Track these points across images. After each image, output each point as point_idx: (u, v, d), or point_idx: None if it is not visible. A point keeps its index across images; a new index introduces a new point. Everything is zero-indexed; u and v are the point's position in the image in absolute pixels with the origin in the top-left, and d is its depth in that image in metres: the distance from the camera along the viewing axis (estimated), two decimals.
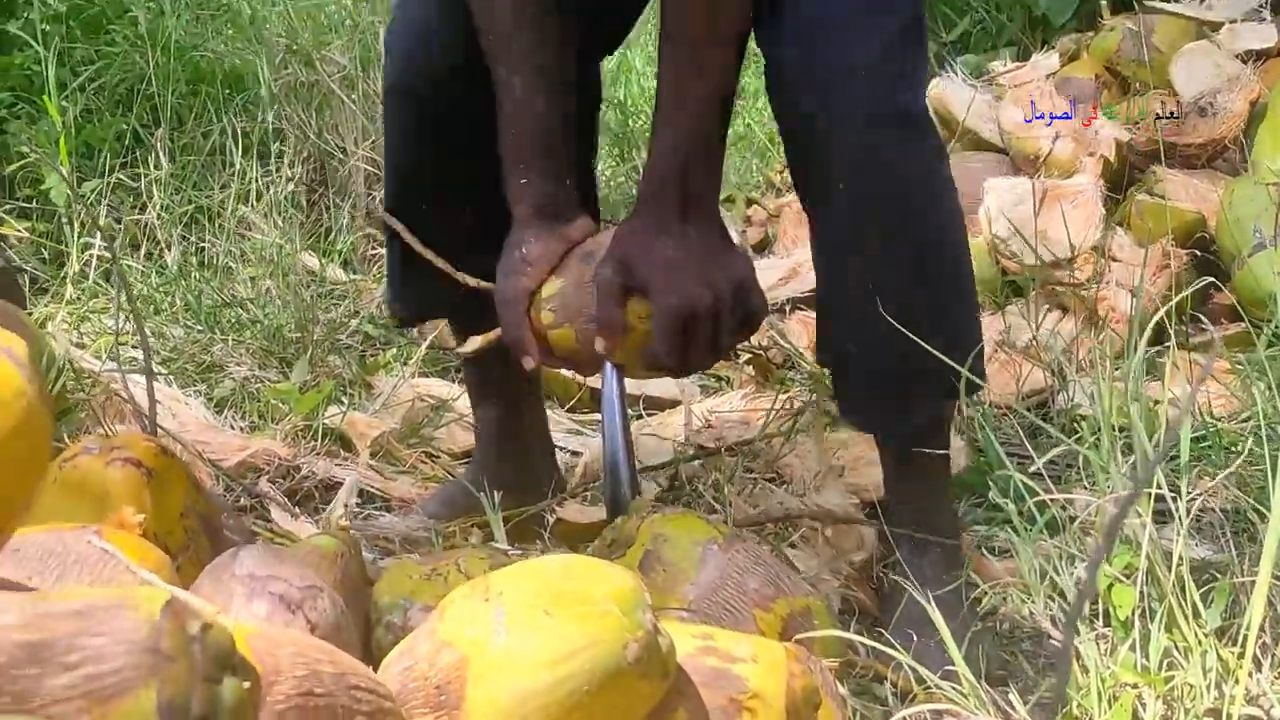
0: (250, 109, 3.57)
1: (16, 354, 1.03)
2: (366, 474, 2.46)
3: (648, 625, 1.38)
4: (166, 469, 1.76)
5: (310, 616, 1.49)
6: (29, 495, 1.06)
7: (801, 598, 1.82)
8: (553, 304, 1.97)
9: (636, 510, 1.91)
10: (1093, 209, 3.14)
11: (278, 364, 2.83)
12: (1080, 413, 2.56)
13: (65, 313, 2.96)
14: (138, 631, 0.91)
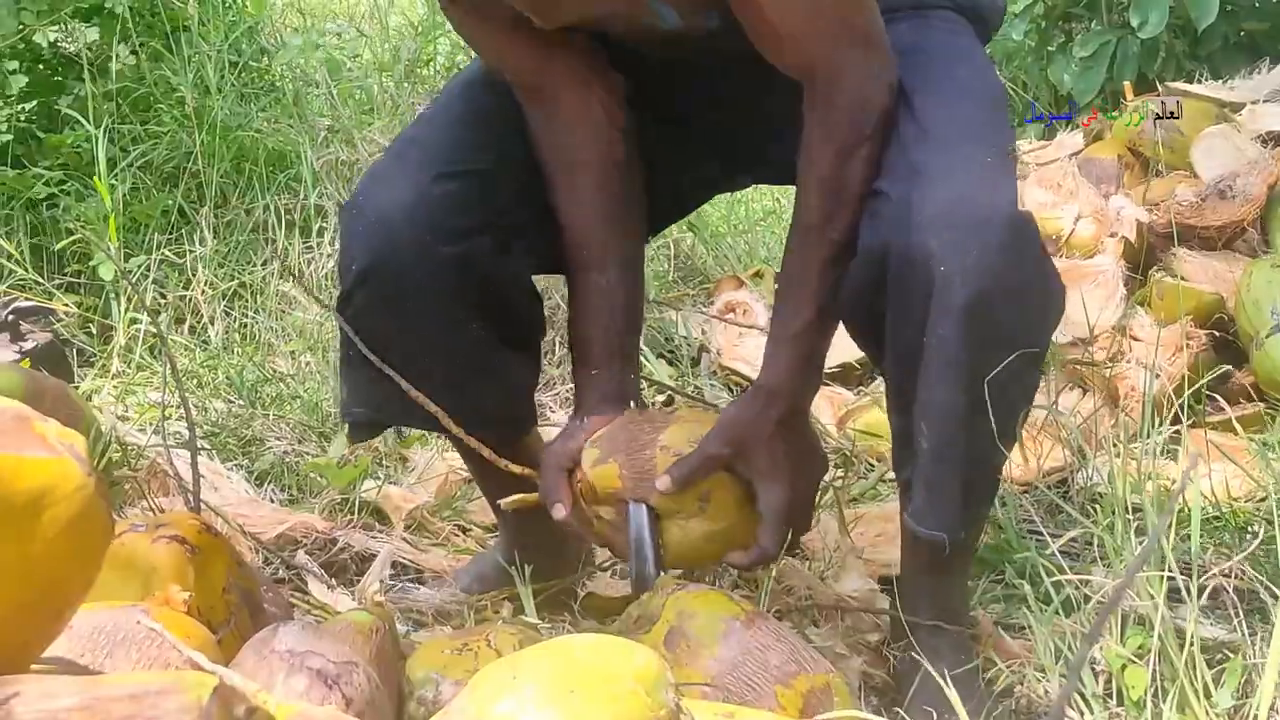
0: (293, 186, 3.65)
1: (78, 450, 1.11)
2: (401, 546, 2.52)
3: (671, 704, 1.42)
4: (210, 546, 1.83)
5: (346, 691, 1.56)
6: (88, 584, 1.14)
7: (822, 674, 1.85)
8: (599, 442, 2.06)
9: (662, 587, 1.96)
10: (1113, 289, 3.20)
11: (316, 438, 2.89)
12: (1098, 491, 2.60)
13: (111, 386, 3.04)
14: (187, 714, 0.98)
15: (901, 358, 1.92)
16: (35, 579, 1.07)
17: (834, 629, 2.25)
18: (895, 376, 1.97)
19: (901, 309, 1.88)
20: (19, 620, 1.07)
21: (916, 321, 1.86)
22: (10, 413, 1.10)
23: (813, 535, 2.52)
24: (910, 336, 1.88)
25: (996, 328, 1.84)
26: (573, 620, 2.36)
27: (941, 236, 1.82)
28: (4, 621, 1.06)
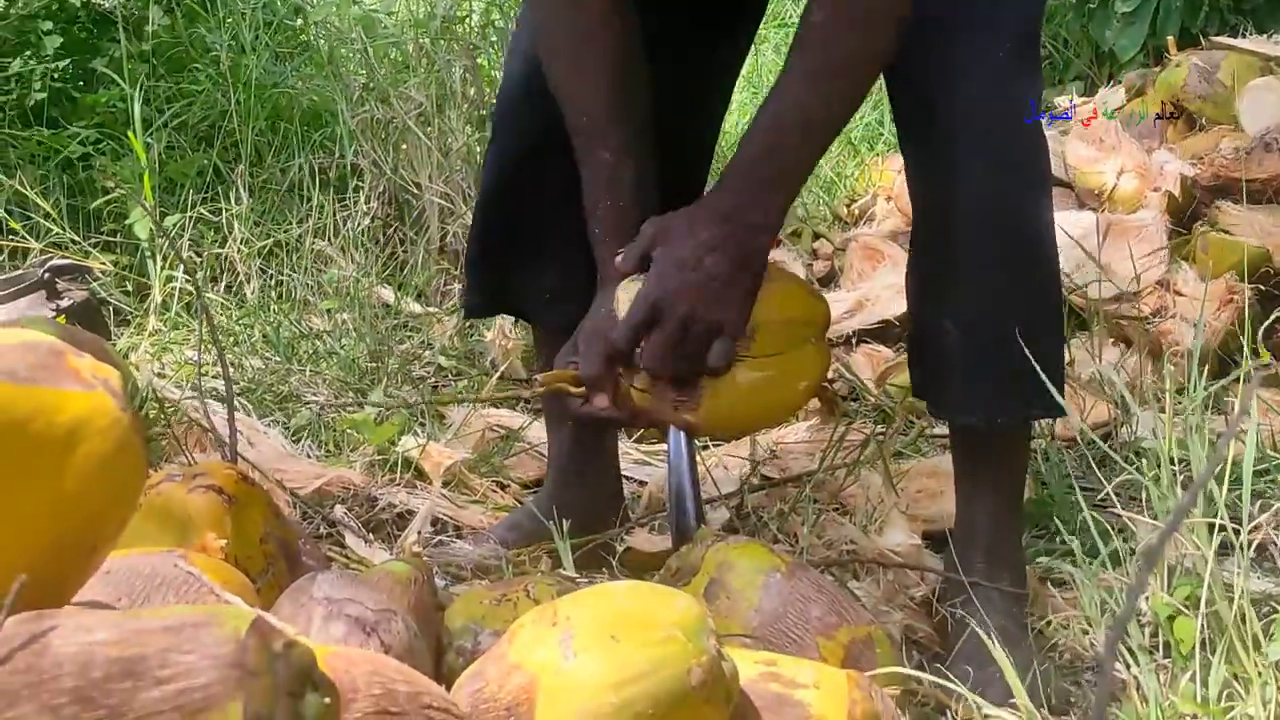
0: (328, 145, 3.63)
1: (112, 385, 1.09)
2: (439, 502, 2.51)
3: (711, 650, 1.41)
4: (247, 496, 1.82)
5: (384, 639, 1.54)
6: (124, 518, 1.12)
7: (864, 626, 1.83)
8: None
9: (701, 539, 1.94)
10: (1157, 243, 3.16)
11: (353, 394, 2.88)
12: (1143, 445, 2.57)
13: (148, 344, 3.03)
14: (225, 647, 0.96)
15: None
16: (69, 515, 1.06)
17: (876, 583, 2.23)
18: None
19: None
20: (53, 557, 1.06)
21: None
22: (45, 346, 1.09)
23: (854, 490, 2.51)
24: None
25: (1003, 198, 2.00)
26: (611, 576, 2.34)
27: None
28: (38, 558, 1.04)
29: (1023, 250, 2.06)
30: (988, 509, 2.14)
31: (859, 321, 3.26)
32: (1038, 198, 2.07)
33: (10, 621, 0.97)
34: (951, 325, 2.05)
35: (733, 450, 2.74)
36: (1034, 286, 2.08)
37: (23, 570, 1.02)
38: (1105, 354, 2.90)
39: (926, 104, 2.02)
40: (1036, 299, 2.09)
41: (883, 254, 3.51)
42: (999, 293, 2.04)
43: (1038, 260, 2.09)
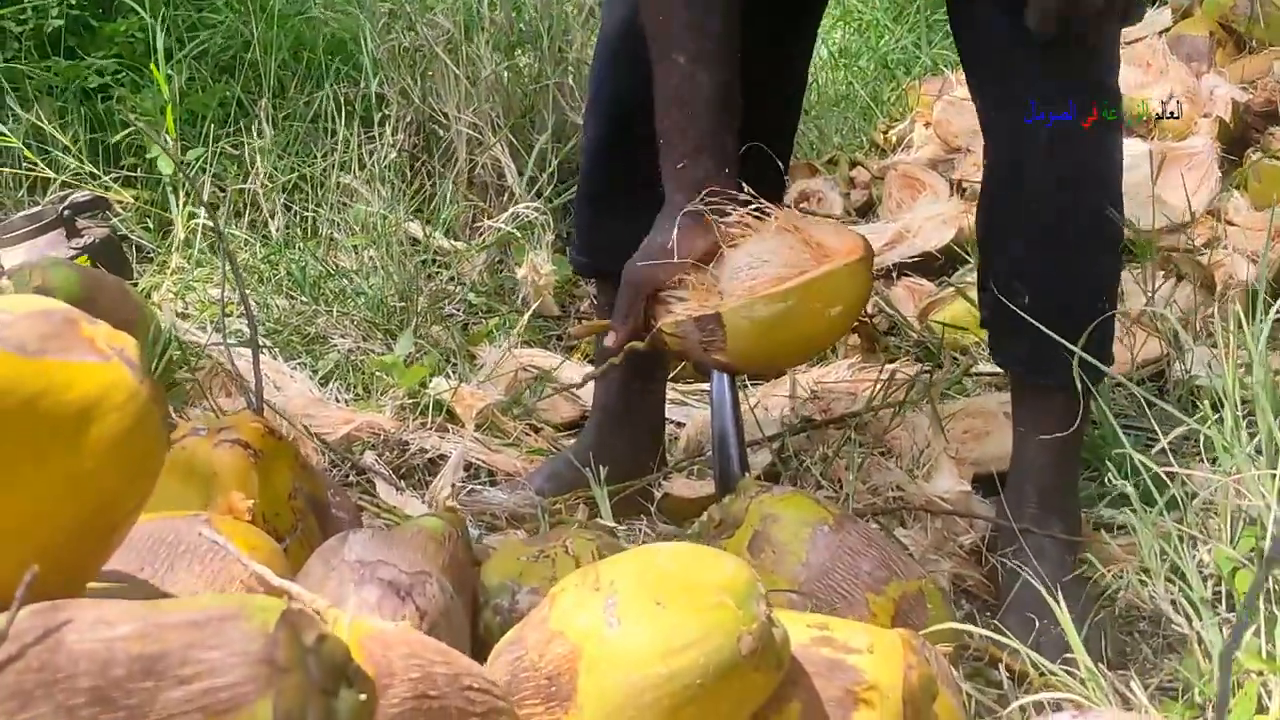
0: (352, 75, 3.55)
1: (129, 354, 1.02)
2: (471, 447, 2.44)
3: (762, 617, 1.35)
4: (274, 450, 1.76)
5: (419, 603, 1.48)
6: (144, 495, 1.05)
7: (914, 580, 1.78)
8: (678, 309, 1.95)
9: (745, 490, 1.88)
10: (1208, 171, 3.07)
11: (381, 335, 2.81)
12: (1198, 384, 2.50)
13: (171, 282, 2.97)
14: (253, 643, 0.90)
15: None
16: (86, 496, 0.99)
17: (924, 530, 2.17)
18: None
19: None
20: (69, 540, 0.99)
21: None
22: (58, 315, 1.02)
23: (899, 432, 2.44)
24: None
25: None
26: (649, 523, 2.29)
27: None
28: (54, 542, 0.98)
29: (1092, 216, 2.04)
30: (1044, 457, 2.11)
31: (899, 254, 3.17)
32: (1106, 166, 2.06)
33: (23, 614, 0.90)
34: (1022, 286, 2.03)
35: (773, 390, 2.66)
36: (1101, 251, 2.08)
37: (38, 555, 0.95)
38: (1153, 286, 2.80)
39: (997, 71, 2.01)
40: (1108, 257, 2.10)
41: (923, 183, 3.42)
42: (1069, 261, 2.04)
43: (1106, 225, 2.06)
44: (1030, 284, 2.03)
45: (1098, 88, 2.00)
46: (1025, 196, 2.02)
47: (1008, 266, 2.07)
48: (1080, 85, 1.98)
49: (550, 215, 3.14)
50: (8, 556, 0.95)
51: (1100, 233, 2.05)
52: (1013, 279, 2.04)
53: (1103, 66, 2.02)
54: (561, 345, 2.97)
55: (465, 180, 3.33)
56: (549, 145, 3.34)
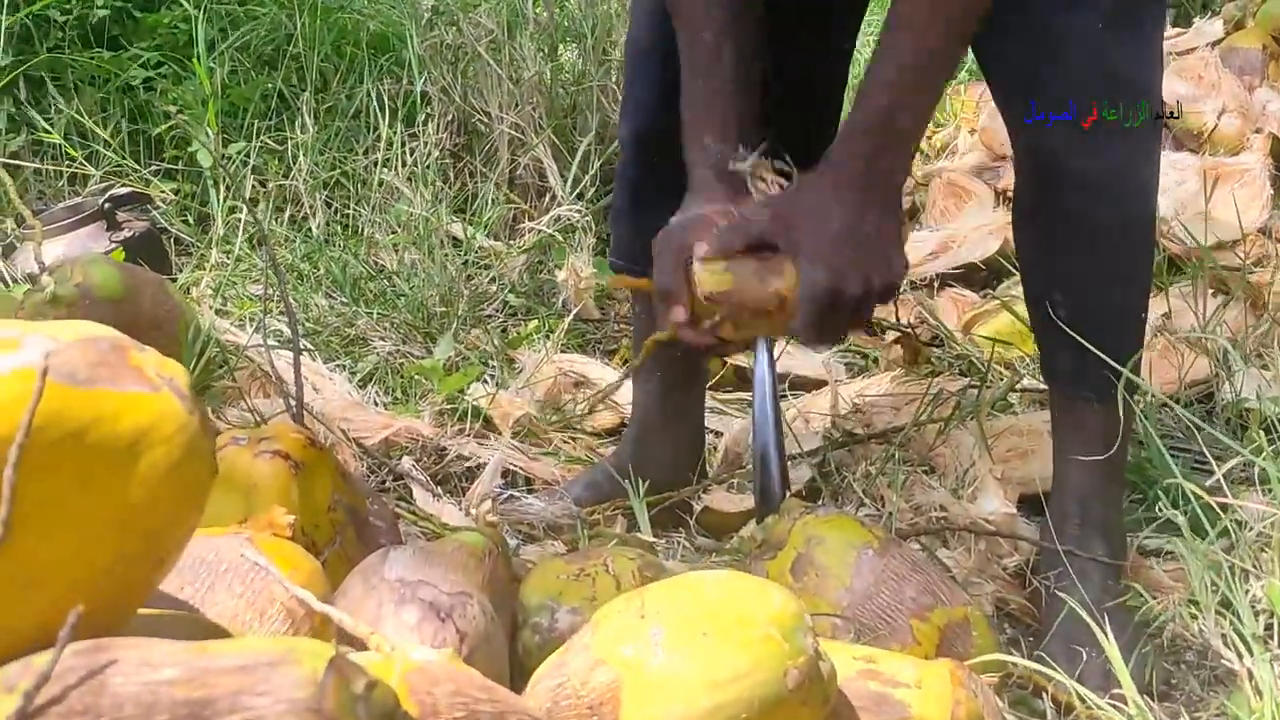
0: (395, 71, 3.53)
1: (178, 384, 1.00)
2: (509, 454, 2.42)
3: (809, 650, 1.33)
4: (314, 461, 1.75)
5: (459, 625, 1.47)
6: (192, 527, 1.03)
7: (960, 607, 1.77)
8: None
9: (788, 511, 1.86)
10: (1260, 188, 3.02)
11: (421, 338, 2.79)
12: (1247, 406, 2.46)
13: (210, 278, 2.95)
14: (301, 690, 0.87)
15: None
16: (134, 528, 0.97)
17: (967, 551, 2.14)
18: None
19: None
20: (117, 574, 0.97)
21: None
22: (106, 342, 0.99)
23: (942, 449, 2.41)
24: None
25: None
26: (689, 536, 2.27)
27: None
28: (101, 576, 0.96)
29: (1128, 225, 2.01)
30: (1086, 475, 2.07)
31: (943, 264, 3.13)
32: (1141, 171, 2.01)
33: (67, 653, 0.88)
34: (1061, 297, 2.00)
35: (814, 402, 2.64)
36: (1138, 260, 2.05)
37: (83, 589, 0.93)
38: (1204, 305, 2.77)
39: (1025, 78, 1.96)
40: (1141, 272, 2.06)
41: (969, 191, 3.38)
42: (1107, 271, 2.01)
43: (1143, 233, 2.04)
44: (1066, 295, 2.00)
45: (1110, 85, 1.94)
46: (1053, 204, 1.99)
47: (1044, 277, 2.04)
48: (1082, 84, 1.93)
49: (592, 217, 3.12)
50: (53, 591, 0.93)
51: (1131, 239, 2.03)
52: (1051, 290, 2.02)
53: (1122, 62, 1.95)
54: (601, 350, 2.95)
55: (507, 181, 3.30)
56: (592, 146, 3.32)
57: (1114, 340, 1.98)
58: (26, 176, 3.34)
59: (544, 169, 3.30)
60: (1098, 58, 1.91)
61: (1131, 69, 1.96)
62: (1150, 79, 2.00)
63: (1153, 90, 2.00)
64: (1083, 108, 1.91)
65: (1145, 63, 1.99)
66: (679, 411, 2.34)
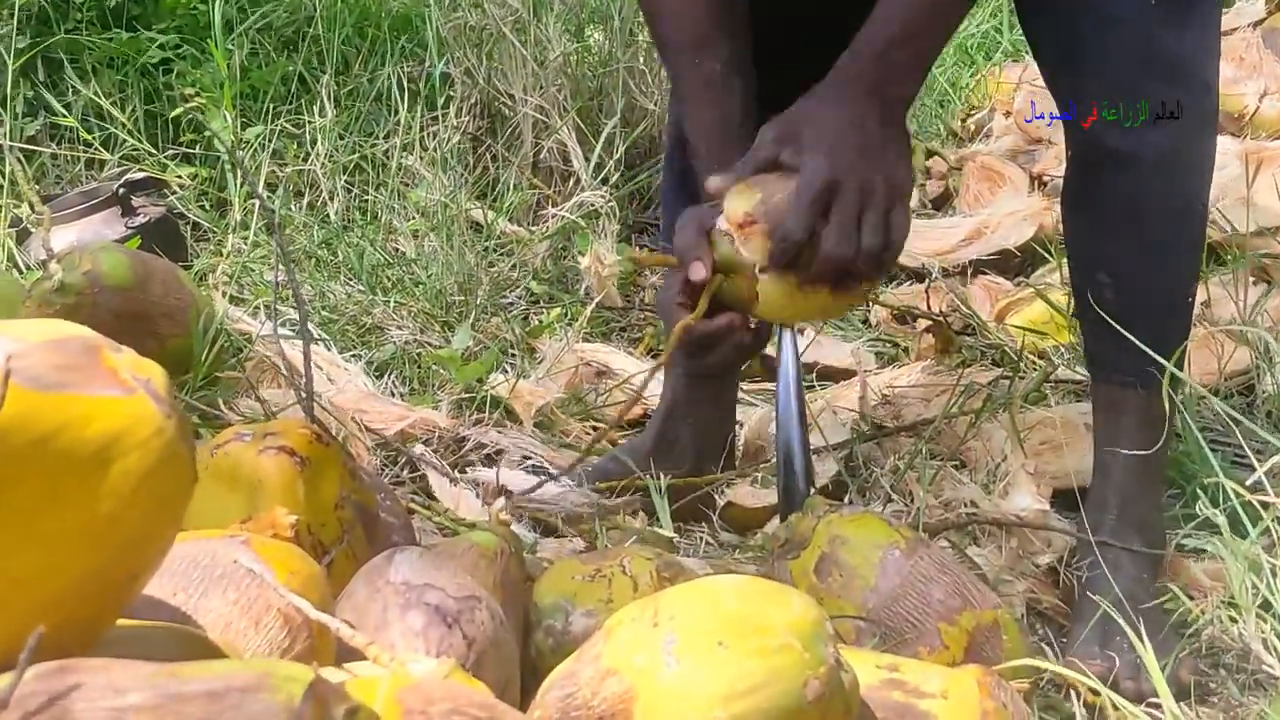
0: (417, 53, 3.47)
1: (154, 386, 0.94)
2: (531, 444, 2.37)
3: (830, 660, 1.28)
4: (321, 457, 1.70)
5: (467, 630, 1.42)
6: (168, 540, 0.98)
7: (989, 610, 1.72)
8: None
9: (812, 509, 1.81)
10: None
11: (440, 328, 2.74)
12: None
13: (226, 265, 2.90)
14: (276, 718, 0.82)
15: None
16: (105, 541, 0.91)
17: (998, 549, 2.08)
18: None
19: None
20: (84, 591, 0.91)
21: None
22: (77, 343, 0.94)
23: (973, 442, 2.35)
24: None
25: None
26: (710, 531, 2.21)
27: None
28: (67, 593, 0.90)
29: (1179, 209, 1.96)
30: (1129, 470, 2.01)
31: (977, 250, 3.07)
32: (1192, 152, 1.96)
33: (28, 676, 0.82)
34: (1109, 281, 1.96)
35: (842, 394, 2.58)
36: (1188, 245, 2.00)
37: (49, 608, 0.88)
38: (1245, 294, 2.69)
39: (1072, 56, 1.91)
40: (1190, 258, 2.02)
41: (1003, 175, 3.32)
42: (1156, 256, 1.97)
43: (1194, 217, 2.00)
44: (1114, 279, 1.96)
45: (1159, 69, 1.88)
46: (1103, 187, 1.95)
47: (1091, 262, 2.00)
48: (1130, 67, 1.88)
49: (616, 203, 3.06)
50: (16, 609, 0.88)
51: (1182, 223, 1.98)
52: (1098, 274, 1.97)
53: (1173, 44, 1.90)
54: (625, 339, 2.89)
55: (530, 165, 3.25)
56: (617, 130, 3.26)
57: (1161, 327, 1.94)
58: (43, 161, 3.30)
59: (568, 153, 3.24)
60: (1146, 41, 1.86)
61: (1182, 51, 1.90)
62: (1202, 63, 1.94)
63: (1206, 75, 1.94)
64: (1129, 91, 1.87)
65: (1198, 47, 1.94)
66: (712, 398, 2.30)
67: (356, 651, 1.24)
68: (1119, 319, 1.90)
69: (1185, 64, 1.90)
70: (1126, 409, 2.00)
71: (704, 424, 2.30)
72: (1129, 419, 2.00)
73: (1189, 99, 1.89)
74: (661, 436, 2.28)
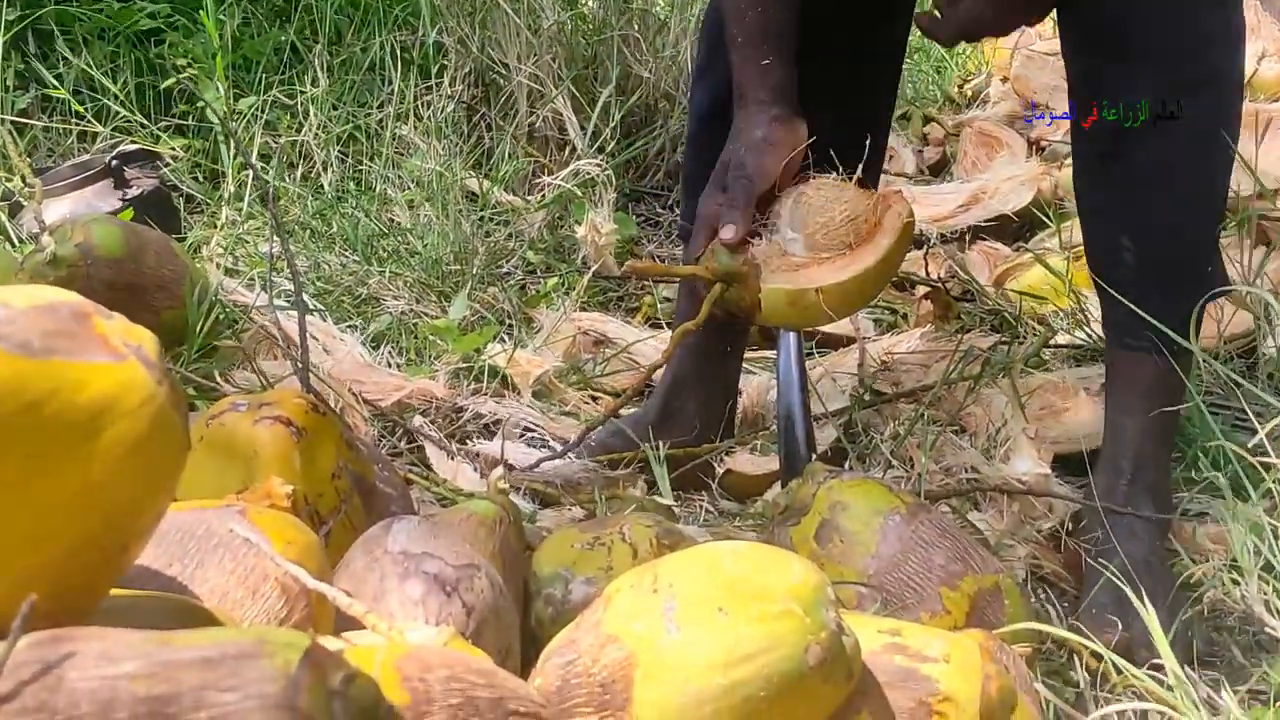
0: (410, 22, 3.45)
1: (145, 352, 0.93)
2: (527, 414, 2.36)
3: (831, 625, 1.27)
4: (317, 427, 1.69)
5: (466, 599, 1.41)
6: (160, 508, 0.96)
7: (991, 575, 1.71)
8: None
9: (812, 475, 1.80)
10: None
11: (436, 297, 2.73)
12: None
13: (220, 237, 2.89)
14: (272, 685, 0.80)
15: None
16: (97, 508, 0.90)
17: (999, 514, 2.07)
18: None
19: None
20: (76, 559, 0.90)
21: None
22: (66, 309, 0.92)
23: (973, 408, 2.34)
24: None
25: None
26: (711, 499, 2.20)
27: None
28: (59, 561, 0.89)
29: (1202, 174, 1.96)
30: (1141, 435, 2.01)
31: (975, 216, 3.06)
32: (1216, 122, 1.95)
33: (22, 645, 0.81)
34: (1129, 244, 1.95)
35: (841, 361, 2.56)
36: (1209, 212, 2.00)
37: (41, 576, 0.87)
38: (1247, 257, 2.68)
39: (1099, 26, 1.91)
40: (1207, 225, 2.00)
41: (1000, 141, 3.31)
42: (1177, 219, 1.96)
43: (1217, 187, 1.99)
44: (1134, 243, 1.96)
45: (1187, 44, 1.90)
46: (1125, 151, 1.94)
47: (1111, 225, 2.00)
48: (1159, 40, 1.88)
49: (612, 171, 3.03)
50: (7, 578, 0.87)
51: (1204, 188, 1.98)
52: (1119, 237, 1.97)
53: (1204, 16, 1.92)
54: (623, 308, 2.88)
55: (525, 134, 3.23)
56: (613, 98, 3.24)
57: (1178, 290, 1.94)
58: (35, 134, 3.28)
59: (563, 121, 3.22)
60: (1178, 10, 1.88)
61: (1214, 26, 1.94)
62: (1234, 36, 1.98)
63: (1236, 46, 1.99)
64: (1157, 66, 1.88)
65: (1229, 18, 1.96)
66: (717, 373, 2.29)
67: (355, 621, 1.23)
68: (1138, 284, 1.91)
69: (1218, 37, 1.93)
70: (1143, 374, 1.99)
71: (708, 397, 2.29)
72: (1144, 385, 1.99)
73: (1227, 66, 1.94)
74: (665, 408, 2.28)
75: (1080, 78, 1.97)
